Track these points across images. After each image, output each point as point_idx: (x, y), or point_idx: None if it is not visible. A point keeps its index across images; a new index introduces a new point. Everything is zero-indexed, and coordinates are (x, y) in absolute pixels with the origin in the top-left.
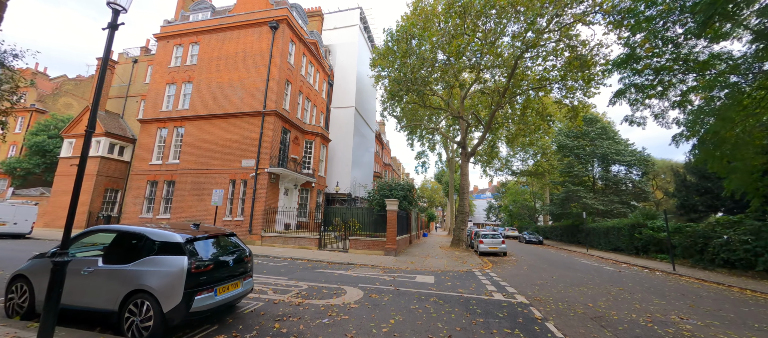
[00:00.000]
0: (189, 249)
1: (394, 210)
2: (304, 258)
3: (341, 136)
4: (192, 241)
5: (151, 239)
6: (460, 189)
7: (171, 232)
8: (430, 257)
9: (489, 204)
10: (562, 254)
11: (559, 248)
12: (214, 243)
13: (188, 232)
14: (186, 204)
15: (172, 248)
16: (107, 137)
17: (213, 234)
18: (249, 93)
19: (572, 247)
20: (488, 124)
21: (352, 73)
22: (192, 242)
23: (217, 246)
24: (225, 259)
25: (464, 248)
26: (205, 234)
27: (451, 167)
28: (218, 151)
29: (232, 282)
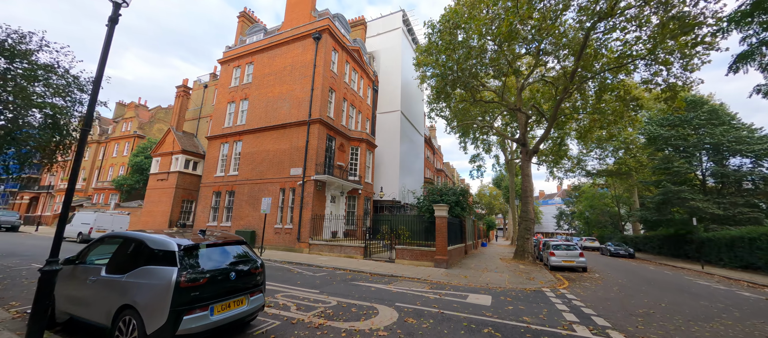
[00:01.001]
0: (183, 260)
1: (444, 216)
2: (346, 269)
3: (388, 142)
4: (189, 250)
5: (148, 246)
6: (522, 193)
7: (168, 239)
8: (487, 271)
9: (559, 211)
10: (666, 271)
11: (659, 263)
12: (217, 252)
13: (192, 239)
14: (244, 213)
15: (165, 257)
16: (183, 154)
17: (217, 242)
18: (296, 104)
19: (678, 263)
20: (553, 116)
21: (397, 76)
22: (189, 250)
23: (220, 256)
24: (226, 271)
25: (530, 260)
26: (207, 241)
27: (510, 170)
28: (269, 161)
29: (235, 299)
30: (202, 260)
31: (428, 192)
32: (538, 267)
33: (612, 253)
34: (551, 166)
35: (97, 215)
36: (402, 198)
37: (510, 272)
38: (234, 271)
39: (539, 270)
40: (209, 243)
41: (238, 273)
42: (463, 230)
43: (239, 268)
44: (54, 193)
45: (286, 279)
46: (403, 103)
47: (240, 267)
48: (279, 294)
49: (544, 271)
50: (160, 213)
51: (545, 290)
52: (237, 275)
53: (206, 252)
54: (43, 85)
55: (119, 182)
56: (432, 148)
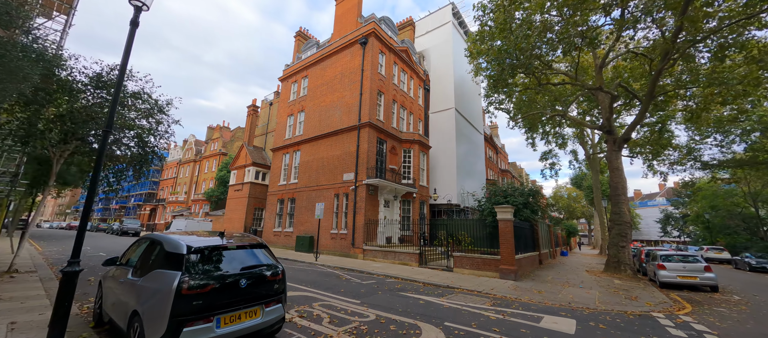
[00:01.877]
0: (190, 263)
1: (509, 220)
2: (398, 277)
3: (443, 142)
4: (199, 252)
5: (164, 248)
6: (612, 191)
7: (180, 240)
8: (569, 285)
9: (664, 214)
10: None
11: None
12: (231, 256)
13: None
14: (303, 218)
15: (175, 261)
16: (253, 166)
17: (230, 244)
18: (346, 110)
19: None
20: (648, 95)
21: (449, 72)
22: (199, 253)
23: (233, 261)
24: (237, 278)
25: (629, 274)
26: (217, 243)
27: (593, 166)
28: (324, 168)
29: (248, 310)
30: (211, 264)
31: (490, 193)
32: (639, 282)
33: (753, 267)
34: (650, 159)
35: (187, 222)
36: (461, 202)
37: (601, 288)
38: (246, 278)
39: (643, 288)
40: (221, 246)
41: (252, 279)
42: (536, 236)
43: (253, 274)
44: (165, 205)
45: (330, 286)
46: (457, 100)
47: (255, 273)
48: (317, 303)
49: (651, 289)
50: (237, 220)
51: (657, 315)
52: (250, 282)
53: (217, 256)
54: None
55: (208, 194)
56: (494, 148)
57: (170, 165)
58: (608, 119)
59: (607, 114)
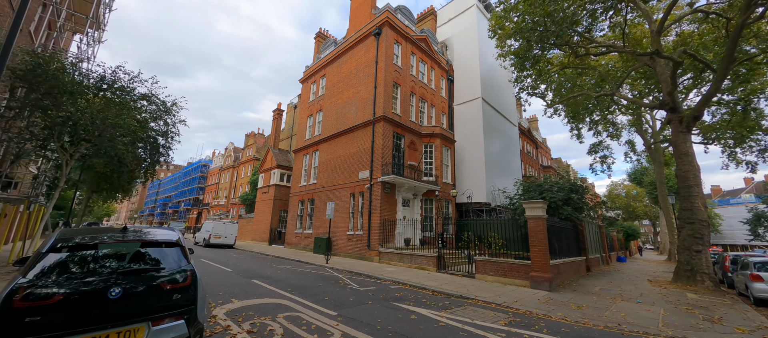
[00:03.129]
0: (48, 264)
1: (540, 217)
2: (406, 283)
3: (470, 135)
4: (61, 250)
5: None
6: (680, 182)
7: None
8: (622, 299)
9: (754, 214)
10: None
11: None
12: (111, 255)
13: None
14: (322, 220)
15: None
16: (278, 169)
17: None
18: (361, 105)
19: None
20: (727, 57)
21: (474, 59)
22: (61, 250)
23: (111, 262)
24: (104, 285)
25: (708, 286)
26: (97, 240)
27: (656, 157)
28: (341, 167)
29: (120, 330)
30: (77, 266)
31: (524, 188)
32: (723, 298)
33: None
34: (731, 146)
35: (215, 224)
36: (492, 200)
37: (668, 304)
38: (121, 285)
39: (729, 305)
40: (94, 243)
41: (132, 288)
42: (581, 239)
43: (135, 281)
44: (209, 209)
45: (318, 292)
46: (485, 90)
47: (139, 279)
48: (282, 315)
49: (742, 307)
50: (263, 221)
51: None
52: (126, 291)
53: (88, 255)
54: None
55: (243, 197)
56: (533, 142)
57: (213, 171)
58: (671, 93)
59: (668, 87)
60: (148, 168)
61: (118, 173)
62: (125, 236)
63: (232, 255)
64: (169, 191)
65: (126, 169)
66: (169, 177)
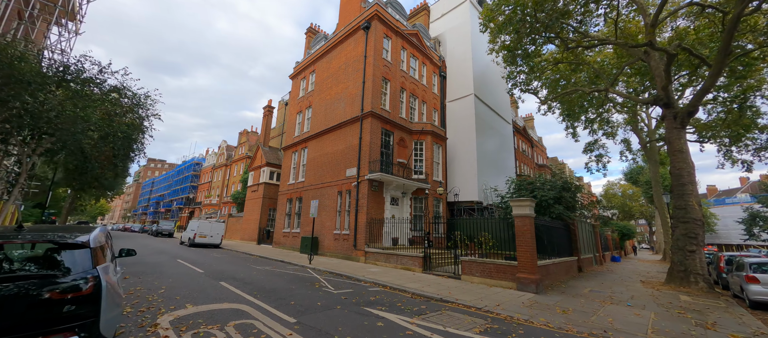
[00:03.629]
0: None
1: (527, 216)
2: (387, 285)
3: (462, 133)
4: None
5: None
6: (674, 180)
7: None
8: (612, 302)
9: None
10: None
11: None
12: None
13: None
14: (309, 219)
15: None
16: (267, 167)
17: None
18: (349, 101)
19: None
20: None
21: (467, 54)
22: None
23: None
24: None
25: (702, 288)
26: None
27: (651, 156)
28: (329, 164)
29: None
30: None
31: (516, 186)
32: (718, 300)
33: None
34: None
35: (200, 223)
36: (484, 199)
37: (659, 307)
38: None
39: (724, 308)
40: None
41: (5, 300)
42: (573, 238)
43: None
44: (201, 208)
45: (287, 295)
46: (479, 87)
47: (22, 287)
48: (233, 323)
49: (737, 310)
50: (253, 220)
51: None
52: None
53: None
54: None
55: (234, 196)
56: (528, 141)
57: (206, 170)
58: (665, 88)
59: (663, 82)
60: (119, 164)
61: (82, 169)
62: (15, 237)
63: (214, 256)
64: (162, 189)
65: (94, 165)
66: (162, 176)
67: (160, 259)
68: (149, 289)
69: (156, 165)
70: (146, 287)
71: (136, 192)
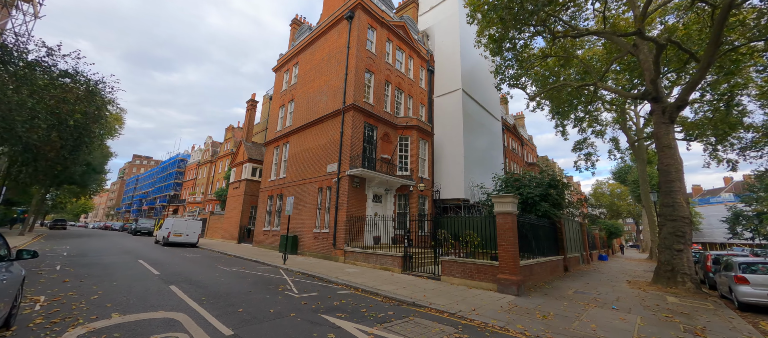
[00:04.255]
0: None
1: (509, 213)
2: (359, 288)
3: (449, 129)
4: None
5: None
6: (661, 176)
7: None
8: (596, 305)
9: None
10: None
11: None
12: None
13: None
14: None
15: None
16: (250, 162)
17: None
18: (332, 94)
19: None
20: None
21: (455, 49)
22: None
23: None
24: None
25: (690, 288)
26: None
27: (639, 155)
28: (310, 160)
29: None
30: None
31: (502, 183)
32: (705, 301)
33: None
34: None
35: (175, 221)
36: (471, 197)
37: (646, 310)
38: None
39: (712, 310)
40: None
41: None
42: (560, 237)
43: None
44: (186, 205)
45: (239, 302)
46: (468, 82)
47: None
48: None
49: (725, 312)
50: (234, 218)
51: None
52: None
53: None
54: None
55: (218, 193)
56: (518, 139)
57: (191, 166)
58: (653, 81)
59: (651, 75)
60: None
61: (26, 161)
62: None
63: (185, 256)
64: (146, 187)
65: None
66: (146, 173)
67: (119, 260)
68: (82, 295)
69: (142, 161)
70: (80, 292)
71: (121, 189)
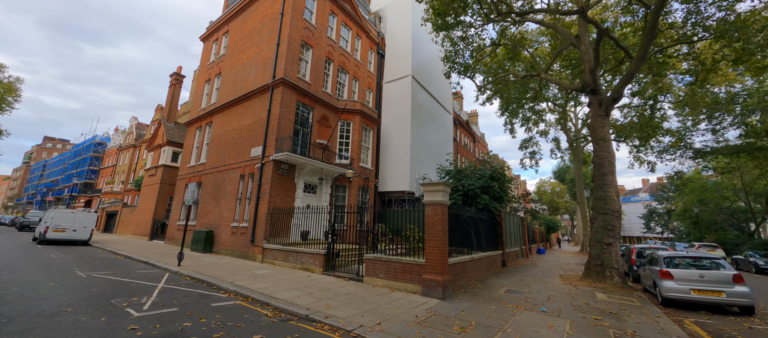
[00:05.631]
0: None
1: (440, 203)
2: (248, 296)
3: (397, 117)
4: None
5: None
6: (595, 169)
7: None
8: (525, 307)
9: (648, 210)
10: None
11: None
12: None
13: None
14: (207, 208)
15: None
16: (169, 146)
17: None
18: (262, 66)
19: None
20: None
21: (407, 32)
22: None
23: None
24: None
25: (617, 283)
26: None
27: (576, 154)
28: (233, 143)
29: None
30: None
31: (444, 173)
32: (631, 296)
33: (761, 268)
34: (637, 147)
35: (55, 213)
36: (417, 189)
37: (576, 311)
38: None
39: (639, 307)
40: None
41: None
42: (500, 231)
43: None
44: (101, 196)
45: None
46: (419, 70)
47: None
48: None
49: (652, 310)
50: (147, 211)
51: None
52: None
53: None
54: None
55: (138, 182)
56: (471, 135)
57: (111, 151)
58: (593, 71)
59: (591, 65)
60: None
61: None
62: None
63: (51, 257)
64: (55, 174)
65: None
66: (56, 158)
67: None
68: None
69: (55, 144)
70: None
71: (24, 176)
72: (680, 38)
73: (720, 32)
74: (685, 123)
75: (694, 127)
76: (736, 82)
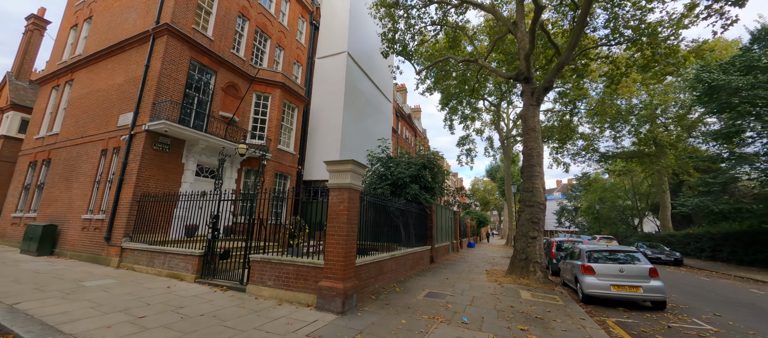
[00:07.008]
0: None
1: (348, 187)
2: (9, 333)
3: (328, 97)
4: None
5: None
6: (525, 160)
7: None
8: (445, 318)
9: (560, 207)
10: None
11: (731, 275)
12: None
13: None
14: (54, 194)
15: None
16: (16, 111)
17: None
18: (144, 10)
19: (756, 273)
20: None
21: (346, 4)
22: None
23: None
24: None
25: (540, 279)
26: None
27: (506, 152)
28: (98, 107)
29: None
30: None
31: (376, 160)
32: (554, 293)
33: (649, 258)
34: (557, 149)
35: None
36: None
37: (500, 317)
38: None
39: (562, 307)
40: None
41: None
42: (429, 225)
43: None
44: None
45: None
46: (357, 49)
47: None
48: None
49: (577, 311)
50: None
51: None
52: None
53: None
54: None
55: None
56: (412, 129)
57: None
58: (527, 57)
59: (526, 51)
60: None
61: None
62: None
63: None
64: None
65: None
66: None
67: None
68: None
69: None
70: None
71: None
72: (602, 40)
73: (634, 38)
74: (594, 130)
75: (600, 133)
76: (635, 95)
